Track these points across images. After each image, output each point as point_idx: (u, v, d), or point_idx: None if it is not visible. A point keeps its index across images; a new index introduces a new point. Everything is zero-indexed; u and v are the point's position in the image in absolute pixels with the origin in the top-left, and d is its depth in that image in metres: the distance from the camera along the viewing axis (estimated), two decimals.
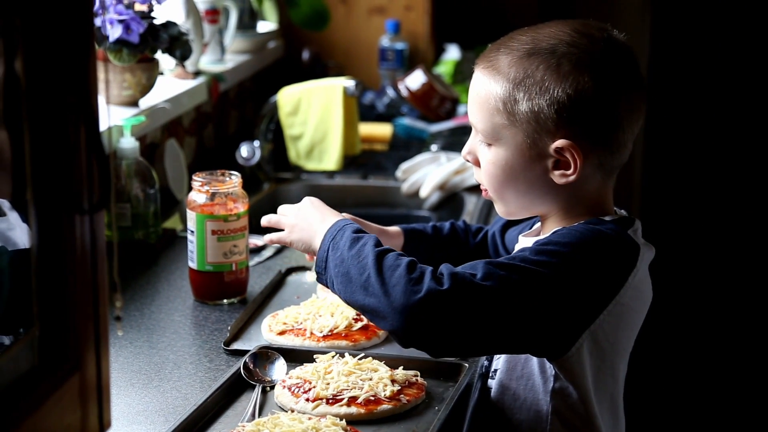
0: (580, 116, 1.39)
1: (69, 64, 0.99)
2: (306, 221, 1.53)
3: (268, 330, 1.73)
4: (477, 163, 1.48)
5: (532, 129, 1.40)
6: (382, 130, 3.01)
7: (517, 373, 1.46)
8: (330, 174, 2.73)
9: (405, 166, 2.69)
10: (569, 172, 1.41)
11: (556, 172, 1.42)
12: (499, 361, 1.48)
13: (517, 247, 1.53)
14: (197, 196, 1.86)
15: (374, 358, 1.57)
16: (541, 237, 1.45)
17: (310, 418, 1.42)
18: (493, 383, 1.49)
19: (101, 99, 2.21)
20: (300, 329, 1.71)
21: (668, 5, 4.33)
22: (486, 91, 1.43)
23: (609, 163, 1.44)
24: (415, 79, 3.12)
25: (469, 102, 1.47)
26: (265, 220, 1.62)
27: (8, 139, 1.02)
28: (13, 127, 0.99)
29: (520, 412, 1.45)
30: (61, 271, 1.01)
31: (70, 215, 1.00)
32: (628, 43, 1.46)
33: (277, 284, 1.96)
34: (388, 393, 1.48)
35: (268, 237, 1.61)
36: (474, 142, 1.48)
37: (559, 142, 1.40)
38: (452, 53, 3.47)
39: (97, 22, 2.10)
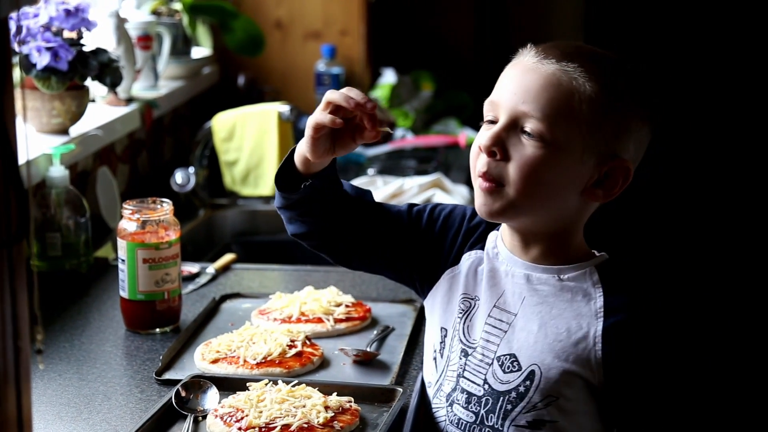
0: (639, 143, 1.39)
1: None
2: None
3: (201, 358, 1.71)
4: (504, 157, 1.37)
5: (602, 139, 1.37)
6: None
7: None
8: (266, 199, 2.72)
9: None
10: (613, 190, 1.39)
11: (597, 191, 1.39)
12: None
13: (486, 292, 1.47)
14: (128, 224, 1.84)
15: (308, 384, 1.56)
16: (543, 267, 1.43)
17: None
18: None
19: (29, 127, 2.19)
20: (233, 357, 1.69)
21: (601, 27, 4.40)
22: (580, 83, 1.35)
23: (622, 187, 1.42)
24: None
25: (534, 94, 1.35)
26: None
27: None
28: None
29: None
30: None
31: None
32: None
33: (210, 312, 1.94)
34: (321, 420, 1.47)
35: None
36: (506, 135, 1.37)
37: (624, 161, 1.38)
38: (388, 77, 3.48)
39: (24, 49, 2.08)
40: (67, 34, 2.14)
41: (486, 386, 1.44)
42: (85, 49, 2.17)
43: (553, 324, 1.41)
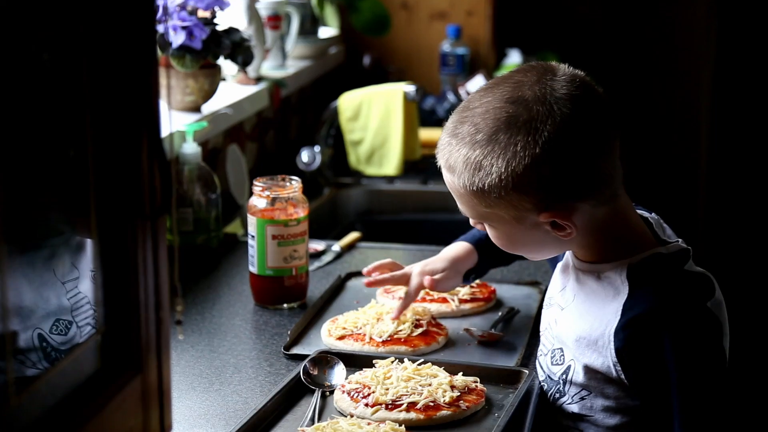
0: (548, 184, 1.35)
1: (131, 72, 1.00)
2: None
3: (328, 335, 1.73)
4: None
5: (512, 209, 1.38)
6: None
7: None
8: (390, 179, 2.74)
9: None
10: (568, 231, 1.39)
11: (558, 233, 1.40)
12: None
13: (556, 284, 1.53)
14: (258, 200, 1.87)
15: (433, 363, 1.57)
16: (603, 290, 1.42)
17: (369, 423, 1.42)
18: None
19: (164, 105, 2.24)
20: (359, 334, 1.71)
21: (735, 9, 4.27)
22: (456, 187, 1.41)
23: (605, 194, 1.39)
24: (476, 84, 3.11)
25: (452, 193, 1.45)
26: None
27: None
28: (76, 133, 1.00)
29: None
30: (124, 276, 1.02)
31: (132, 220, 1.01)
32: (579, 71, 1.39)
33: (336, 289, 1.97)
34: (447, 399, 1.48)
35: None
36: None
37: (542, 217, 1.38)
38: (513, 58, 3.45)
39: (161, 28, 2.13)
40: (201, 13, 2.19)
41: (542, 372, 1.54)
42: (218, 28, 2.21)
43: (587, 320, 1.44)
